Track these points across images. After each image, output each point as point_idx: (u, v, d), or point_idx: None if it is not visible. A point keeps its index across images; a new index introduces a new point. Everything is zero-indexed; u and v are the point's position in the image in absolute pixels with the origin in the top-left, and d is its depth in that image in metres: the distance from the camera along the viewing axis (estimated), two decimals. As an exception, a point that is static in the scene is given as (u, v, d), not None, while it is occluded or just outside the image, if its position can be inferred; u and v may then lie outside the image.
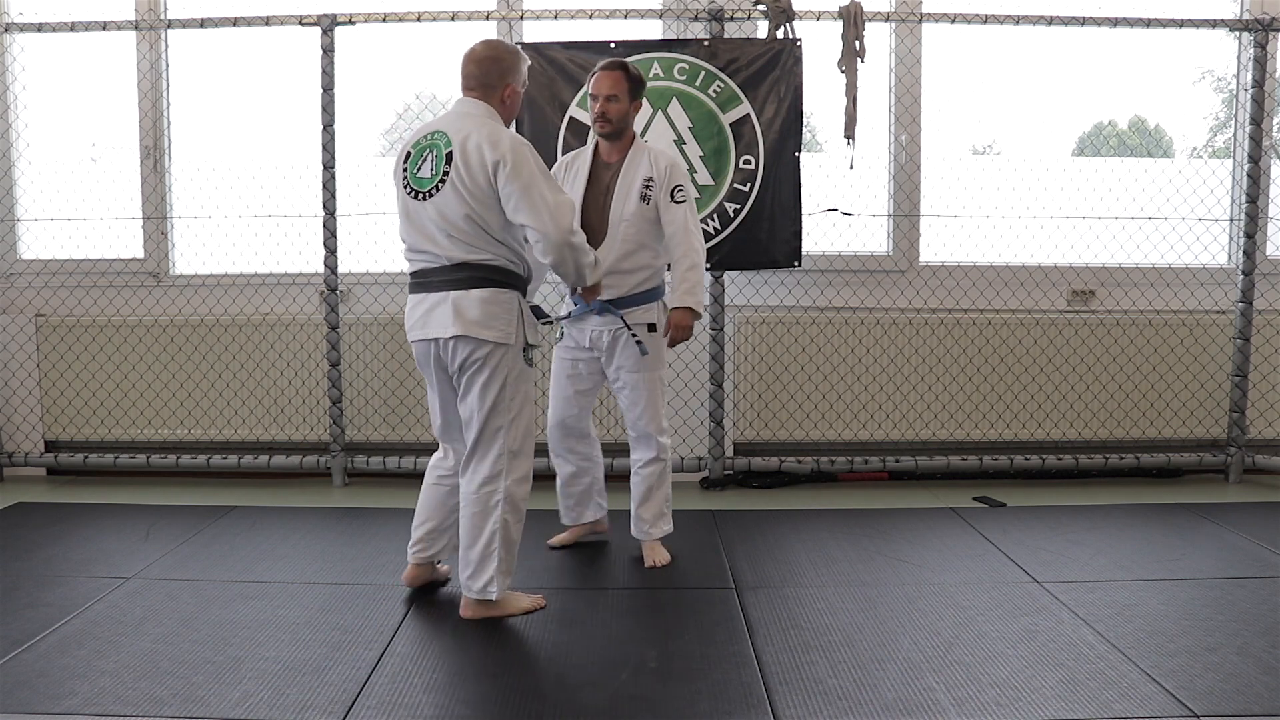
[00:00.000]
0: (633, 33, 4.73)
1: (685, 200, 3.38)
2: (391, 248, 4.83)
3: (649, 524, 3.58)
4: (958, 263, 4.93)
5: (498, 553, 2.96)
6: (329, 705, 2.48)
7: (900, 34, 4.84)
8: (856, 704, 2.48)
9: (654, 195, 3.38)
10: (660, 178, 3.38)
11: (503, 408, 2.95)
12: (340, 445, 4.76)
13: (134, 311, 4.90)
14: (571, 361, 3.56)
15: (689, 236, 3.36)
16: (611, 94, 3.35)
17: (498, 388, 2.94)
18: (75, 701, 2.49)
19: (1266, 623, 2.96)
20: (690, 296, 3.34)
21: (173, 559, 3.61)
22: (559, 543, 3.73)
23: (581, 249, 2.95)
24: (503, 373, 2.94)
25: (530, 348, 3.00)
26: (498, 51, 3.02)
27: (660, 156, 3.43)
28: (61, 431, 4.94)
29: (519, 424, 2.98)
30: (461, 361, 2.94)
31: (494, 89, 2.99)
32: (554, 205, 2.84)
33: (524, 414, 3.00)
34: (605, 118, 3.37)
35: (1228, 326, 4.84)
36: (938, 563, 3.57)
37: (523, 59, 3.07)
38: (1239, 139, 4.85)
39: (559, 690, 2.58)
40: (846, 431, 4.86)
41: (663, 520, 3.60)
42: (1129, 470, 4.80)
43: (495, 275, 2.93)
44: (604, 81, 3.36)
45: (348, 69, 4.69)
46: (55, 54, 4.92)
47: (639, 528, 3.60)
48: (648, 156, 3.42)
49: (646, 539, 3.59)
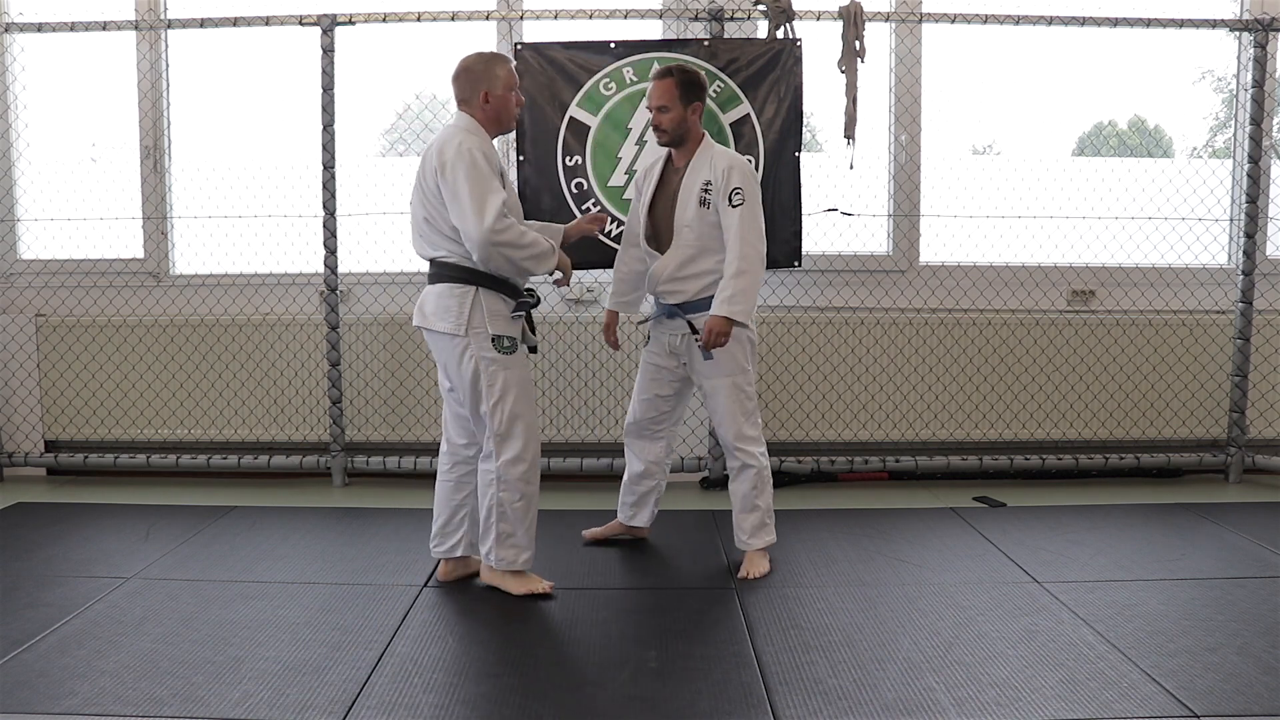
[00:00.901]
0: (633, 33, 4.73)
1: (743, 203, 3.29)
2: (391, 248, 4.83)
3: (748, 534, 3.49)
4: (958, 263, 4.93)
5: (495, 526, 3.17)
6: (329, 705, 2.48)
7: (900, 34, 4.84)
8: (856, 704, 2.48)
9: (712, 199, 3.32)
10: (718, 181, 3.32)
11: (482, 394, 3.13)
12: (340, 445, 4.76)
13: (134, 311, 4.90)
14: (654, 366, 3.57)
15: (743, 244, 3.28)
16: (662, 104, 3.32)
17: (470, 376, 3.12)
18: (75, 701, 2.49)
19: (1266, 623, 2.96)
20: (729, 305, 3.26)
21: (173, 559, 3.61)
22: (594, 536, 3.74)
23: (510, 244, 3.00)
24: (469, 361, 3.11)
25: (501, 338, 3.11)
26: (468, 64, 3.17)
27: (720, 158, 3.36)
28: (61, 431, 4.94)
29: (503, 408, 3.12)
30: (434, 352, 3.24)
31: (470, 101, 3.15)
32: (475, 205, 2.97)
33: (508, 399, 3.12)
34: (660, 128, 3.36)
35: (1228, 326, 4.84)
36: (938, 563, 3.57)
37: (497, 63, 3.17)
38: (1239, 139, 4.85)
39: (559, 690, 2.58)
40: (846, 431, 4.86)
41: (763, 531, 3.49)
42: (1129, 470, 4.80)
43: (449, 271, 3.12)
44: (655, 92, 3.34)
45: (348, 69, 4.69)
46: (55, 54, 4.92)
47: (738, 538, 3.51)
48: (709, 159, 3.37)
49: (746, 549, 3.50)
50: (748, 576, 3.40)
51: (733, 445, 3.45)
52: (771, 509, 3.52)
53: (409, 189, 3.21)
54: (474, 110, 3.14)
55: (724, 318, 3.27)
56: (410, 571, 3.46)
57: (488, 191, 2.98)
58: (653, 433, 3.64)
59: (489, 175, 3.01)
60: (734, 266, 3.29)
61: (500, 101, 3.15)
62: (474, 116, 3.14)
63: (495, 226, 2.96)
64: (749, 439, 3.45)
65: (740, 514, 3.50)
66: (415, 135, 4.98)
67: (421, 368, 4.83)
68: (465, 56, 3.19)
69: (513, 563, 3.22)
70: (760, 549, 3.50)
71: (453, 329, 3.10)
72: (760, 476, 3.47)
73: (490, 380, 3.11)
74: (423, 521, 4.06)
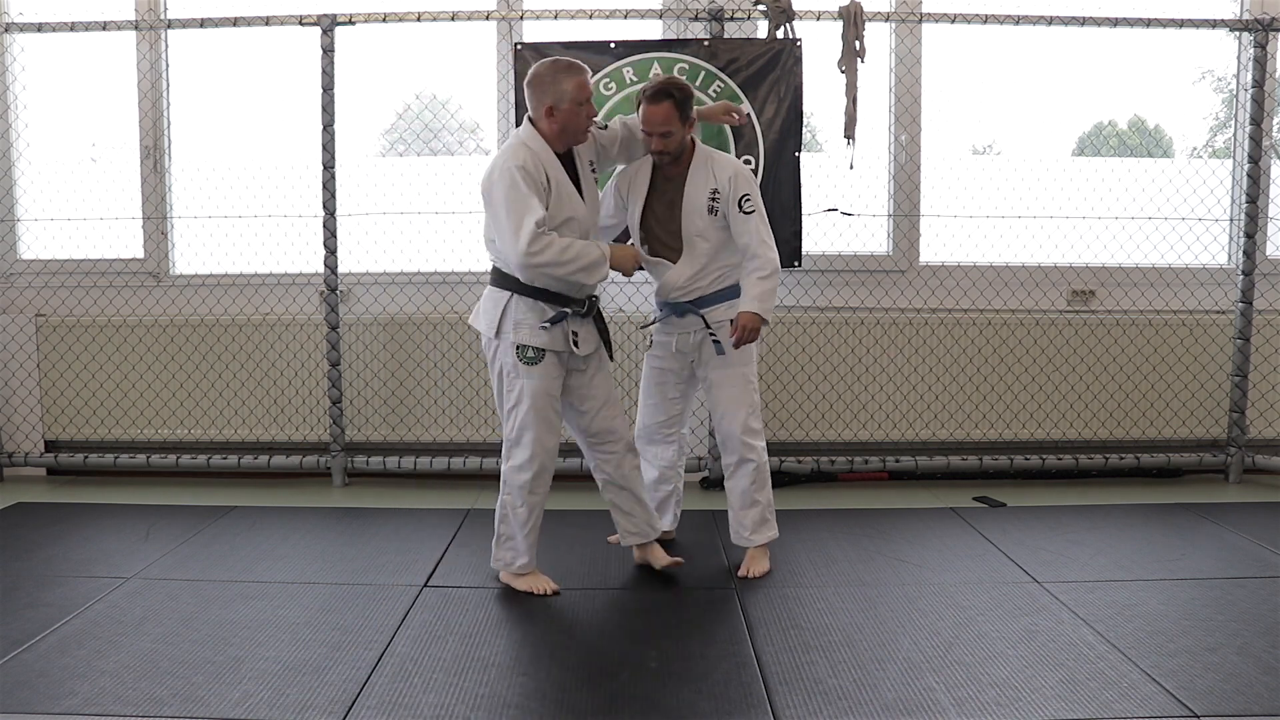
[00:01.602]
0: (633, 33, 4.73)
1: (755, 210, 3.32)
2: (391, 248, 4.84)
3: (750, 530, 3.46)
4: (958, 263, 4.93)
5: (497, 526, 3.29)
6: (329, 705, 2.48)
7: (900, 34, 4.84)
8: (856, 704, 2.48)
9: (720, 207, 3.33)
10: (725, 189, 3.31)
11: (501, 397, 3.23)
12: (340, 445, 4.76)
13: (134, 311, 4.90)
14: (659, 370, 3.56)
15: (764, 247, 3.31)
16: (666, 130, 3.26)
17: (495, 378, 3.23)
18: (75, 701, 2.49)
19: (1266, 623, 2.96)
20: (759, 303, 3.30)
21: (173, 559, 3.61)
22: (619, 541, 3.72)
23: (550, 263, 3.01)
24: (498, 364, 3.20)
25: (525, 348, 3.12)
26: (537, 72, 3.12)
27: (723, 166, 3.35)
28: (61, 431, 4.94)
29: (515, 416, 3.19)
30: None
31: (535, 112, 3.13)
32: (511, 228, 2.98)
33: (520, 409, 3.17)
34: (664, 152, 3.31)
35: (1228, 326, 4.84)
36: (938, 563, 3.57)
37: (566, 76, 3.07)
38: (1239, 139, 4.85)
39: (559, 690, 2.58)
40: (846, 431, 4.86)
41: (765, 526, 3.47)
42: (1129, 470, 4.80)
43: (494, 276, 3.21)
44: (654, 117, 3.25)
45: (348, 69, 4.69)
46: (55, 54, 4.92)
47: (738, 534, 3.49)
48: (710, 167, 3.35)
49: (748, 545, 3.47)
50: (748, 575, 3.40)
51: (737, 437, 3.42)
52: (772, 503, 3.51)
53: (409, 189, 3.22)
54: (537, 122, 3.11)
55: (757, 314, 3.30)
56: (410, 571, 3.46)
57: (524, 213, 2.97)
58: (664, 436, 3.63)
59: (526, 195, 2.99)
60: (761, 270, 3.31)
61: (565, 116, 3.08)
62: (537, 128, 3.11)
63: (530, 249, 2.96)
64: (753, 431, 3.44)
65: (740, 510, 3.49)
66: (415, 135, 4.98)
67: (421, 368, 4.83)
68: (538, 63, 3.13)
69: (508, 565, 3.28)
70: (761, 546, 3.49)
71: (486, 331, 3.19)
72: (759, 471, 3.46)
73: (509, 386, 3.17)
74: (423, 521, 4.08)
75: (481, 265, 4.88)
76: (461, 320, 4.79)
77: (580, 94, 3.08)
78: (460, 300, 4.84)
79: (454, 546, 3.74)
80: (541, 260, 2.98)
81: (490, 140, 4.96)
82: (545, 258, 2.98)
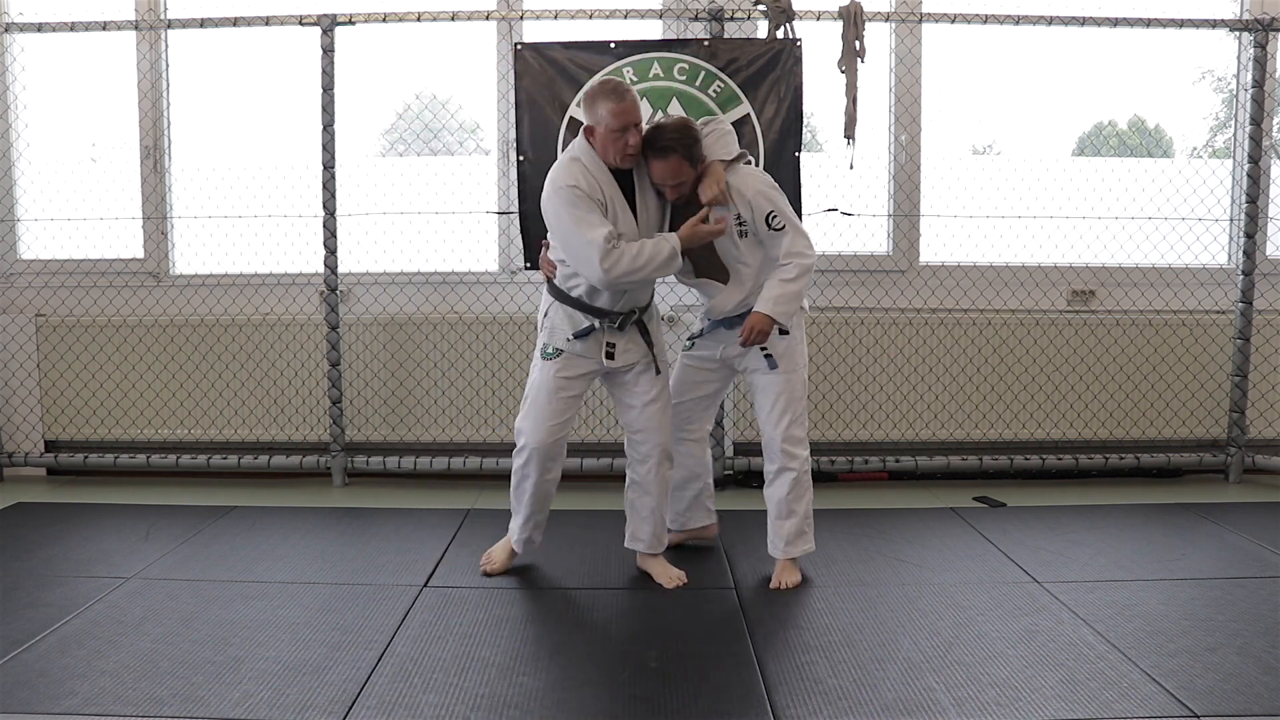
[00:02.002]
0: (633, 33, 4.72)
1: (785, 225, 3.22)
2: (391, 248, 4.84)
3: (784, 541, 3.37)
4: (958, 263, 4.93)
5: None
6: (329, 705, 2.48)
7: (900, 34, 4.84)
8: (856, 704, 2.48)
9: (749, 229, 3.25)
10: (747, 213, 3.23)
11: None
12: (340, 445, 4.76)
13: (134, 311, 4.90)
14: (695, 369, 3.51)
15: (800, 256, 3.23)
16: (677, 182, 3.19)
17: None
18: (75, 701, 2.49)
19: (1266, 623, 2.96)
20: (774, 305, 3.21)
21: (173, 559, 3.61)
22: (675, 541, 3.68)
23: (629, 271, 3.05)
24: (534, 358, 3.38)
25: (547, 345, 3.30)
26: (589, 89, 3.19)
27: (740, 190, 3.23)
28: (61, 431, 4.94)
29: (524, 404, 3.36)
30: None
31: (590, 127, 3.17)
32: (583, 249, 3.05)
33: (525, 400, 3.36)
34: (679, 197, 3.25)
35: (1228, 326, 4.84)
36: (938, 563, 3.57)
37: (604, 100, 3.06)
38: (1239, 139, 4.85)
39: (559, 690, 2.58)
40: (846, 431, 4.86)
41: (801, 539, 3.37)
42: (1129, 470, 4.80)
43: (549, 284, 3.36)
44: (664, 172, 3.15)
45: (348, 69, 4.68)
46: (55, 54, 4.92)
47: (773, 544, 3.40)
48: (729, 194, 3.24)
49: (780, 557, 3.38)
50: (780, 587, 3.30)
51: (779, 444, 3.33)
52: (810, 516, 3.40)
53: (409, 189, 3.22)
54: (590, 135, 3.15)
55: (767, 316, 3.23)
56: (410, 571, 3.46)
57: (588, 231, 3.01)
58: (688, 433, 3.57)
59: (586, 213, 3.04)
60: (787, 274, 3.23)
61: (602, 140, 3.09)
62: (589, 141, 3.14)
63: (604, 266, 3.02)
64: (796, 440, 3.34)
65: (776, 520, 3.39)
66: (415, 135, 4.98)
67: (421, 368, 4.83)
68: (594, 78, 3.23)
69: (510, 533, 3.49)
70: (795, 557, 3.39)
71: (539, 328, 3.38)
72: (799, 482, 3.35)
73: (531, 379, 3.36)
74: (423, 521, 4.08)
75: (481, 265, 4.93)
76: (461, 320, 4.79)
77: (615, 122, 3.05)
78: (460, 300, 4.84)
79: (454, 546, 3.74)
80: (619, 272, 3.03)
81: (490, 140, 4.96)
82: (621, 269, 3.03)
